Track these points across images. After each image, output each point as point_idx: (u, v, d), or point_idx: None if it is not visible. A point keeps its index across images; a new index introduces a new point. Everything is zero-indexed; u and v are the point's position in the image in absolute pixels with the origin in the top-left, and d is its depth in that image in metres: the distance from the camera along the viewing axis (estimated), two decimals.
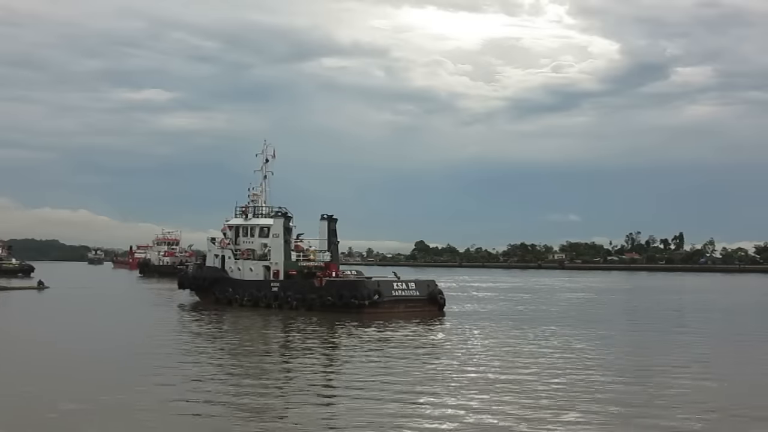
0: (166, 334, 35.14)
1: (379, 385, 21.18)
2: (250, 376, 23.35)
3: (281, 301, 48.92)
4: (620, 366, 25.84)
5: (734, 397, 20.44)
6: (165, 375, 22.86)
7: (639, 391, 20.78)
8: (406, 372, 23.63)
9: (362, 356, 27.51)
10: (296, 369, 25.01)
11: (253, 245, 54.30)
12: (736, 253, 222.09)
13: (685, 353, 29.33)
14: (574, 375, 23.21)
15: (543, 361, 26.20)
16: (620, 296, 76.22)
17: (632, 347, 32.09)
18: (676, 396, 20.22)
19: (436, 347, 30.75)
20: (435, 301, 48.13)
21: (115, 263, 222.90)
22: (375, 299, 45.28)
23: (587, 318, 46.19)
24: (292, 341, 33.93)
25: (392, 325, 39.05)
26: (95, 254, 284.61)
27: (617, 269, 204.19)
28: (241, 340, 34.11)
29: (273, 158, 56.28)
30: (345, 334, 35.19)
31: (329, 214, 52.89)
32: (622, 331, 39.20)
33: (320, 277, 48.91)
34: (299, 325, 39.76)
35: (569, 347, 30.38)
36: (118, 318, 45.68)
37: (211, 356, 28.07)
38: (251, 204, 56.19)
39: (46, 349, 30.10)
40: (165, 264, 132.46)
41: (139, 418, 17.21)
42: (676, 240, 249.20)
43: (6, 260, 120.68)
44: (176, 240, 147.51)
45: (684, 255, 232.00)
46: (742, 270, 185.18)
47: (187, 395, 19.77)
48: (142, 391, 20.18)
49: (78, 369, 24.66)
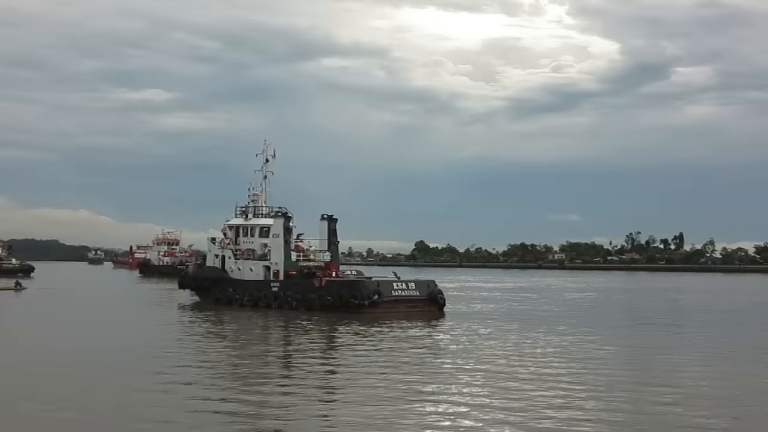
0: (167, 334, 35.15)
1: (378, 385, 21.16)
2: (249, 376, 23.33)
3: (281, 301, 48.94)
4: (637, 367, 25.80)
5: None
6: (164, 376, 22.85)
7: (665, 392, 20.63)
8: (406, 372, 23.59)
9: (362, 356, 27.48)
10: (296, 369, 24.99)
11: (253, 245, 54.32)
12: (736, 253, 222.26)
13: (707, 354, 29.04)
14: (577, 376, 23.20)
15: (547, 362, 26.14)
16: (630, 296, 75.54)
17: (658, 349, 30.94)
18: (692, 397, 20.12)
19: (436, 347, 30.69)
20: (435, 301, 48.09)
21: (115, 263, 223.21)
22: (375, 299, 45.28)
23: (601, 318, 45.44)
24: (291, 341, 33.97)
25: (392, 325, 39.04)
26: (95, 254, 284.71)
27: (617, 269, 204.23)
28: (240, 341, 34.12)
29: (273, 158, 56.33)
30: (344, 335, 35.14)
31: (329, 214, 52.95)
32: (644, 332, 37.89)
33: (320, 277, 48.92)
34: (299, 325, 39.75)
35: (575, 348, 30.27)
36: (107, 321, 45.57)
37: (211, 356, 28.06)
38: (251, 204, 56.21)
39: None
40: (165, 264, 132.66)
41: (139, 419, 17.20)
42: (676, 240, 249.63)
43: (6, 260, 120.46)
44: (176, 240, 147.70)
45: (684, 255, 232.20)
46: (742, 270, 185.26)
47: (187, 395, 19.76)
48: (142, 392, 20.16)
49: (74, 371, 24.65)
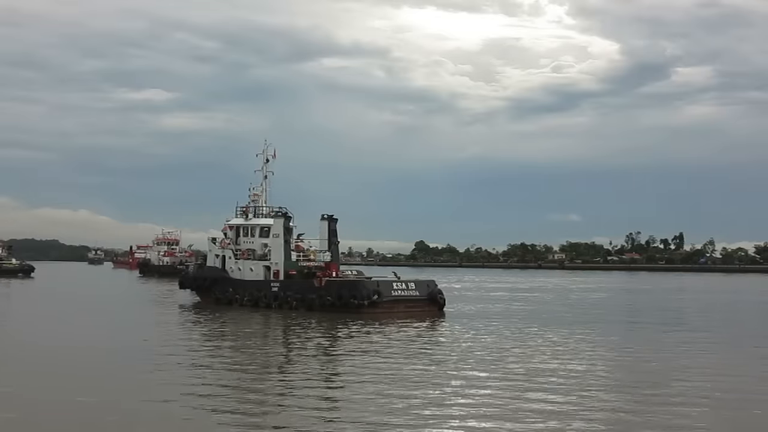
0: (167, 334, 35.20)
1: (378, 385, 21.20)
2: (249, 376, 23.40)
3: (281, 301, 48.98)
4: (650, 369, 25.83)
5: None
6: (165, 375, 22.94)
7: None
8: (406, 372, 23.62)
9: (361, 356, 27.50)
10: (295, 369, 25.03)
11: (253, 245, 54.34)
12: (736, 253, 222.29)
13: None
14: (579, 376, 23.25)
15: (552, 362, 26.18)
16: (640, 296, 74.91)
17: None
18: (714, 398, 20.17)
19: (436, 348, 30.66)
20: (435, 301, 48.14)
21: (115, 263, 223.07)
22: (374, 299, 45.33)
23: (653, 322, 44.73)
24: (290, 341, 33.98)
25: (391, 325, 39.06)
26: (95, 254, 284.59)
27: (617, 269, 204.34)
28: (239, 341, 34.08)
29: (273, 158, 56.37)
30: (343, 334, 35.18)
31: (329, 214, 52.98)
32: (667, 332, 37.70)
33: (320, 277, 48.97)
34: (298, 325, 39.79)
35: (579, 348, 30.36)
36: (107, 321, 45.57)
37: (211, 357, 28.11)
38: (252, 204, 56.23)
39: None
40: (165, 264, 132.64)
41: (137, 420, 17.25)
42: (676, 240, 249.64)
43: (6, 260, 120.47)
44: (176, 240, 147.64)
45: (684, 255, 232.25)
46: (742, 270, 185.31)
47: (185, 397, 19.77)
48: (141, 393, 20.21)
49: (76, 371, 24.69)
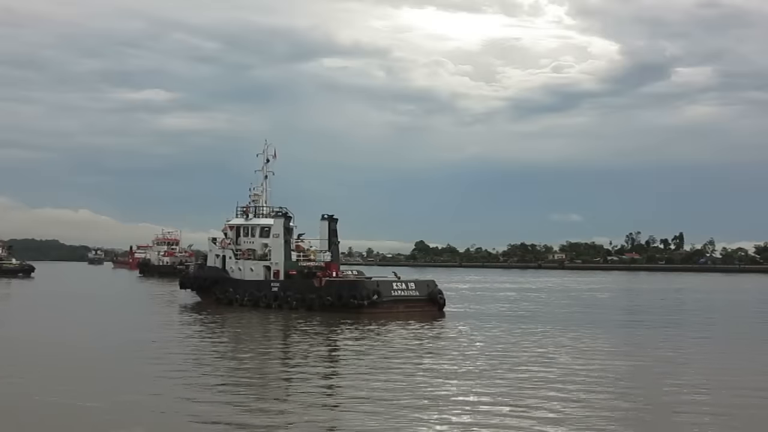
0: (167, 334, 35.29)
1: (378, 386, 21.24)
2: (248, 376, 23.44)
3: (281, 301, 49.00)
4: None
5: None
6: (164, 375, 22.98)
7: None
8: (406, 372, 23.64)
9: (361, 356, 27.55)
10: (295, 369, 25.04)
11: (253, 245, 54.36)
12: (736, 253, 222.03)
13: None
14: (580, 377, 23.30)
15: (555, 365, 26.15)
16: (650, 297, 74.28)
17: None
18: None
19: (436, 348, 30.73)
20: (435, 301, 48.16)
21: (115, 263, 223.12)
22: (374, 299, 45.36)
23: (670, 321, 44.62)
24: (290, 342, 34.03)
25: (391, 325, 39.09)
26: (95, 254, 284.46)
27: (617, 269, 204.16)
28: (239, 341, 34.17)
29: (274, 158, 56.41)
30: (343, 334, 35.20)
31: (330, 214, 53.00)
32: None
33: (320, 277, 49.00)
34: (298, 325, 39.82)
35: (582, 349, 30.29)
36: (106, 321, 45.66)
37: (210, 357, 28.15)
38: (252, 204, 56.27)
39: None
40: (165, 264, 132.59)
41: (135, 421, 17.28)
42: (676, 240, 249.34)
43: (6, 260, 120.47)
44: (176, 240, 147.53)
45: (684, 255, 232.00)
46: (742, 270, 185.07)
47: (185, 397, 19.83)
48: (141, 393, 20.26)
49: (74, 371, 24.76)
